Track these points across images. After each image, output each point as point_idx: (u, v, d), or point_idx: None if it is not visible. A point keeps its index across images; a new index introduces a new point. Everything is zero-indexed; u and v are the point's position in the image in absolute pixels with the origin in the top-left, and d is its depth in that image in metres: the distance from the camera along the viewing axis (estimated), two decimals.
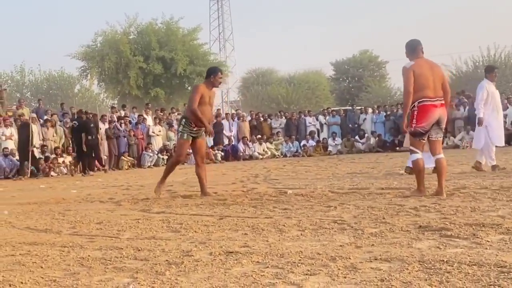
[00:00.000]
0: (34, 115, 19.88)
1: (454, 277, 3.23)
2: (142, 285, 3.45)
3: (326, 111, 27.39)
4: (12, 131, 18.47)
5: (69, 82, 53.82)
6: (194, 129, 8.56)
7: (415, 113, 7.12)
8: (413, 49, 7.33)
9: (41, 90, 53.09)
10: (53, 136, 19.15)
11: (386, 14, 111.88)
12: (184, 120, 8.66)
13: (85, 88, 52.19)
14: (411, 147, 7.30)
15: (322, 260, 3.81)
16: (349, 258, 3.80)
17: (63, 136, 19.50)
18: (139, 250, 4.49)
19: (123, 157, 20.00)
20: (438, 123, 7.15)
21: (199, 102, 8.38)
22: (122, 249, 4.58)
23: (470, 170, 10.55)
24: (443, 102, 7.19)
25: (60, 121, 20.33)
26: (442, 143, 7.89)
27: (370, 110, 26.37)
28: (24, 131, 17.44)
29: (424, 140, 7.20)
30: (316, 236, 4.76)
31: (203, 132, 8.77)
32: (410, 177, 8.87)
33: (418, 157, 7.17)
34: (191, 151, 9.29)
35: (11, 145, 18.18)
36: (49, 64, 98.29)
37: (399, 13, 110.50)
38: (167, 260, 4.06)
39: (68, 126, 19.45)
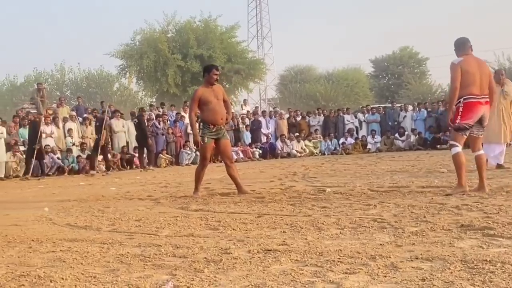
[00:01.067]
0: (74, 113, 20.17)
1: (497, 277, 3.16)
2: (180, 282, 3.46)
3: (365, 108, 27.21)
4: (53, 129, 18.66)
5: (108, 80, 54.24)
6: (213, 130, 8.58)
7: (460, 109, 7.07)
8: (462, 46, 7.31)
9: (81, 88, 53.61)
10: (92, 134, 19.37)
11: (426, 9, 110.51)
12: (202, 123, 8.76)
13: (124, 86, 52.60)
14: (452, 141, 7.23)
15: (361, 259, 3.76)
16: (389, 257, 3.75)
17: None
18: (177, 248, 4.50)
19: (161, 155, 20.15)
20: (480, 120, 7.09)
21: (204, 103, 8.53)
22: (161, 246, 4.61)
23: None
24: (488, 99, 7.14)
25: None
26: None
27: (410, 107, 26.08)
28: (33, 129, 17.42)
29: (466, 135, 7.13)
30: (356, 235, 4.71)
31: (225, 132, 8.85)
32: (452, 175, 8.71)
33: (459, 150, 7.10)
34: None
35: (52, 142, 18.35)
36: (89, 62, 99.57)
37: (439, 8, 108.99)
38: (205, 258, 4.06)
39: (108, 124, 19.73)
